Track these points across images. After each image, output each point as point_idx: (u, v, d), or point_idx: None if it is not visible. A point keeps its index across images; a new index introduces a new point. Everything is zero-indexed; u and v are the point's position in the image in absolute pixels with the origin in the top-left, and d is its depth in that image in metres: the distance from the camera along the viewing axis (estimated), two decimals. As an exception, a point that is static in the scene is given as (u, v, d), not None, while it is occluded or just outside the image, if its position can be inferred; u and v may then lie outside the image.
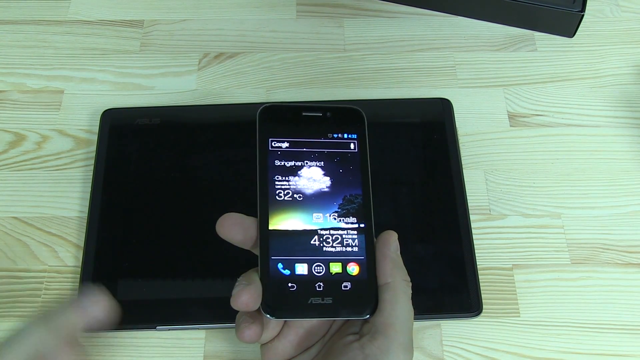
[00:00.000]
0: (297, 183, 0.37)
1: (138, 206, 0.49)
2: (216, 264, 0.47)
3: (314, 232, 0.37)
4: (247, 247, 0.37)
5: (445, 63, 0.57)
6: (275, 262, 0.36)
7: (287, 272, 0.36)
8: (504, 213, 0.50)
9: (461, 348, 0.45)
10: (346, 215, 0.37)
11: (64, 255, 0.48)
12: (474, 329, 0.45)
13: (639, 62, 0.57)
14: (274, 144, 0.38)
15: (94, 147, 0.52)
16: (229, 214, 0.37)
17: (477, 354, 0.44)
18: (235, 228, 0.36)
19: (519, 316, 0.46)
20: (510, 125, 0.54)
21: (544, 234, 0.49)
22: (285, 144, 0.38)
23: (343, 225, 0.37)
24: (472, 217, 0.48)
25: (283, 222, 0.37)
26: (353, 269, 0.36)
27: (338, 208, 0.37)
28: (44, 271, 0.47)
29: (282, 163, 0.38)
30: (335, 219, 0.37)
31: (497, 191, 0.50)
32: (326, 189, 0.37)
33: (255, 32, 0.59)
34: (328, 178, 0.38)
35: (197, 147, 0.52)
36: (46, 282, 0.47)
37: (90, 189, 0.49)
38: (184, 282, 0.46)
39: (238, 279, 0.36)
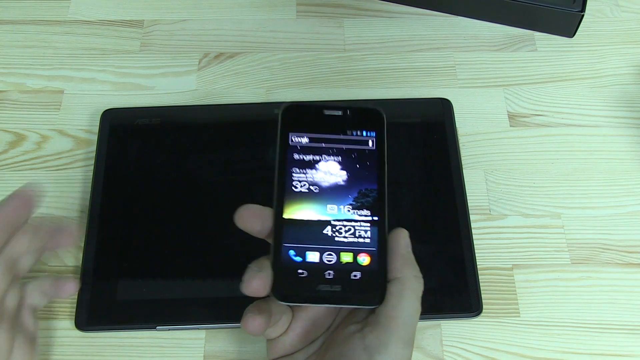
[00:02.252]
0: (313, 176, 0.38)
1: (138, 206, 0.49)
2: (216, 264, 0.47)
3: (327, 223, 0.37)
4: (262, 236, 0.38)
5: (445, 63, 0.57)
6: (287, 248, 0.37)
7: (298, 259, 0.37)
8: (504, 213, 0.50)
9: (461, 348, 0.45)
10: (360, 208, 0.38)
11: (64, 255, 0.48)
12: (474, 329, 0.45)
13: (639, 62, 0.57)
14: (294, 138, 0.39)
15: (94, 147, 0.52)
16: (247, 205, 0.37)
17: (477, 354, 0.44)
18: (254, 219, 0.37)
19: (519, 316, 0.46)
20: (510, 125, 0.54)
21: (544, 234, 0.49)
22: (305, 139, 0.39)
23: (356, 217, 0.38)
24: (472, 217, 0.48)
25: (298, 211, 0.38)
26: (364, 259, 0.37)
27: (352, 201, 0.38)
28: (44, 271, 0.47)
29: (301, 157, 0.39)
30: (349, 211, 0.38)
31: (497, 191, 0.50)
32: (342, 183, 0.38)
33: (255, 32, 0.59)
34: (344, 172, 0.39)
35: (197, 147, 0.52)
36: (46, 282, 0.47)
37: (90, 189, 0.49)
38: (184, 282, 0.46)
39: (249, 265, 0.36)
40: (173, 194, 0.50)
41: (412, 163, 0.50)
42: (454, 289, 0.46)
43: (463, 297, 0.45)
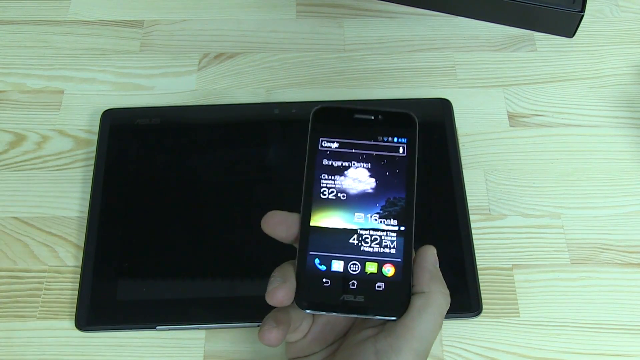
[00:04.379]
0: (342, 183, 0.38)
1: (138, 206, 0.49)
2: (216, 264, 0.47)
3: (353, 232, 0.37)
4: (288, 242, 0.38)
5: (445, 63, 0.57)
6: (312, 257, 0.36)
7: (323, 267, 0.36)
8: (503, 213, 0.50)
9: (461, 348, 0.45)
10: (387, 217, 0.37)
11: (64, 255, 0.48)
12: (474, 329, 0.45)
13: (639, 62, 0.57)
14: (324, 143, 0.38)
15: (94, 147, 0.52)
16: (273, 212, 0.37)
17: (477, 354, 0.44)
18: (279, 226, 0.37)
19: (518, 316, 0.46)
20: (510, 125, 0.54)
21: (544, 234, 0.49)
22: (335, 145, 0.38)
23: (383, 226, 0.37)
24: (472, 217, 0.48)
25: (324, 219, 0.37)
26: (389, 270, 0.37)
27: (380, 210, 0.37)
28: (44, 271, 0.47)
29: (330, 162, 0.38)
30: (376, 220, 0.37)
31: (497, 191, 0.50)
32: (370, 190, 0.38)
33: (255, 32, 0.59)
34: (373, 180, 0.38)
35: (197, 147, 0.52)
36: (46, 282, 0.47)
37: (90, 189, 0.49)
38: (184, 282, 0.46)
39: (273, 273, 0.36)
40: (173, 194, 0.50)
41: (412, 163, 0.50)
42: (454, 289, 0.45)
43: (463, 297, 0.45)
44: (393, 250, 0.37)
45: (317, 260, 0.36)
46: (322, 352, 0.38)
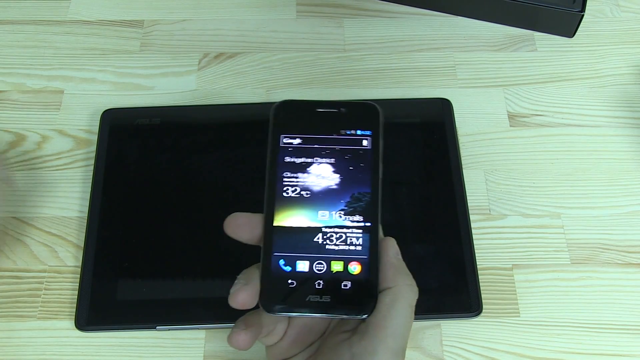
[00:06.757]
0: (305, 180, 0.37)
1: (138, 206, 0.49)
2: (216, 264, 0.47)
3: (318, 230, 0.36)
4: (253, 243, 0.37)
5: (445, 63, 0.57)
6: (277, 258, 0.36)
7: (288, 268, 0.36)
8: (503, 213, 0.50)
9: (461, 348, 0.45)
10: (352, 214, 0.36)
11: (64, 255, 0.48)
12: (474, 329, 0.45)
13: (639, 62, 0.57)
14: (285, 140, 0.37)
15: (94, 147, 0.52)
16: (235, 214, 0.37)
17: (477, 354, 0.44)
18: (242, 228, 0.36)
19: (518, 316, 0.46)
20: (510, 125, 0.54)
21: (544, 234, 0.49)
22: (297, 141, 0.37)
23: (348, 223, 0.36)
24: (472, 217, 0.48)
25: (288, 218, 0.36)
26: (355, 268, 0.36)
27: (345, 206, 0.36)
28: (44, 271, 0.47)
29: (292, 160, 0.37)
30: (340, 216, 0.36)
31: (497, 191, 0.50)
32: (334, 187, 0.37)
33: (255, 32, 0.59)
34: (337, 175, 0.37)
35: (197, 147, 0.52)
36: (46, 282, 0.47)
37: (90, 189, 0.49)
38: (184, 282, 0.46)
39: (238, 276, 0.36)
40: (173, 194, 0.50)
41: (412, 163, 0.50)
42: (454, 289, 0.46)
43: (463, 297, 0.45)
44: (359, 248, 0.36)
45: (281, 262, 0.36)
46: (302, 353, 0.37)
